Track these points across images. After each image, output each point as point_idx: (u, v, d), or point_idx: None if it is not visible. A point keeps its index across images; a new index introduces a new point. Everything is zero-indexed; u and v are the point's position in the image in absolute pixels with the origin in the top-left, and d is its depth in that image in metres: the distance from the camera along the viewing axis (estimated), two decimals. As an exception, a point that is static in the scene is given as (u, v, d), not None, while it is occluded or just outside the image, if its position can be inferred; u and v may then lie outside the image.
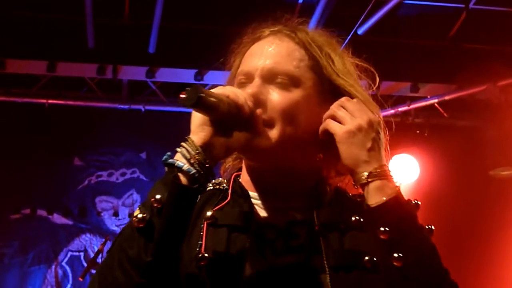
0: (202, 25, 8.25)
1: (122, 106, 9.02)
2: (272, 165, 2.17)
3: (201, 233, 2.06)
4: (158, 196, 1.89)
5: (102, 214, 9.26)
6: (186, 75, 8.69)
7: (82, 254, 9.10)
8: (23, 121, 8.92)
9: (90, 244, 9.12)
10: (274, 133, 2.09)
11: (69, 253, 9.08)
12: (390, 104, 9.21)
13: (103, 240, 8.44)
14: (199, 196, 2.01)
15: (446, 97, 8.88)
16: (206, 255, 2.00)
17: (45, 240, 9.03)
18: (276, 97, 2.13)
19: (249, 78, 2.20)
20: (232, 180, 2.23)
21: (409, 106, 8.97)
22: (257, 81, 2.16)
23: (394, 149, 8.71)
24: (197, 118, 2.01)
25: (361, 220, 2.13)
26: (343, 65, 2.33)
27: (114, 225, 9.25)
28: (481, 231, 8.98)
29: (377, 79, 2.37)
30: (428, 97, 9.02)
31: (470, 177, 9.00)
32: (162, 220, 1.88)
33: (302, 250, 2.08)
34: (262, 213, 2.16)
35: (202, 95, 1.92)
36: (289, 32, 2.33)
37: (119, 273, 1.88)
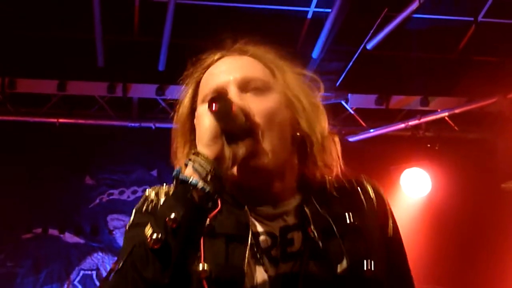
0: (211, 42, 8.26)
1: (132, 124, 9.03)
2: (268, 178, 2.16)
3: (198, 245, 2.01)
4: (173, 216, 1.85)
5: (114, 232, 9.25)
6: (196, 92, 8.70)
7: (94, 272, 9.08)
8: (34, 141, 8.94)
9: (103, 262, 9.11)
10: (267, 145, 2.10)
11: (82, 272, 9.07)
12: (401, 118, 9.20)
13: (116, 258, 8.43)
14: None
15: (457, 110, 8.86)
16: (206, 268, 1.98)
17: (57, 259, 9.02)
18: (256, 103, 2.14)
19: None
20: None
21: (419, 120, 8.95)
22: (234, 89, 2.16)
23: (405, 163, 8.73)
24: (210, 130, 1.97)
25: (355, 222, 2.17)
26: (293, 76, 2.31)
27: (126, 243, 9.24)
28: (493, 244, 8.94)
29: (321, 86, 2.36)
30: (439, 110, 9.00)
31: (482, 190, 8.98)
32: (178, 241, 1.85)
33: (299, 257, 2.07)
34: (255, 221, 2.13)
35: (233, 106, 1.95)
36: (241, 50, 2.35)
37: None
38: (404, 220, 8.89)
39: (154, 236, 1.84)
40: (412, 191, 9.03)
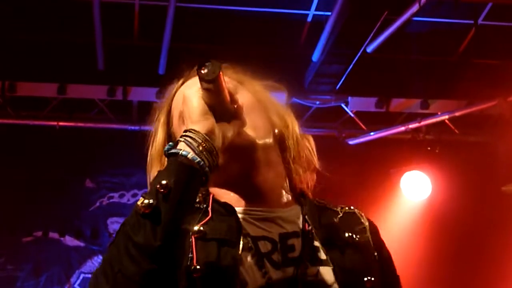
0: (211, 45, 8.28)
1: (132, 127, 9.03)
2: (254, 163, 2.17)
3: (190, 247, 2.01)
4: (164, 182, 1.86)
5: (114, 235, 9.24)
6: (196, 96, 8.72)
7: (94, 276, 9.08)
8: (34, 144, 8.95)
9: (103, 265, 9.11)
10: (250, 131, 2.14)
11: (82, 275, 9.07)
12: (401, 121, 9.20)
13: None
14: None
15: (457, 113, 8.86)
16: (198, 267, 1.96)
17: (57, 263, 9.03)
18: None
19: None
20: (211, 200, 2.19)
21: (419, 123, 8.95)
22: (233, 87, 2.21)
23: (405, 166, 8.76)
24: (198, 107, 1.98)
25: (354, 237, 2.20)
26: (258, 84, 2.33)
27: (126, 246, 9.24)
28: (494, 247, 8.94)
29: (286, 93, 2.41)
30: (439, 113, 8.99)
31: (482, 193, 8.99)
32: (169, 204, 1.85)
33: (300, 263, 2.07)
34: (252, 226, 2.13)
35: (221, 73, 1.94)
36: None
37: (127, 261, 1.82)
38: (405, 223, 8.90)
39: (145, 201, 1.85)
40: (413, 194, 9.02)
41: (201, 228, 2.05)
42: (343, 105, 9.10)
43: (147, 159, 2.49)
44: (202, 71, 1.94)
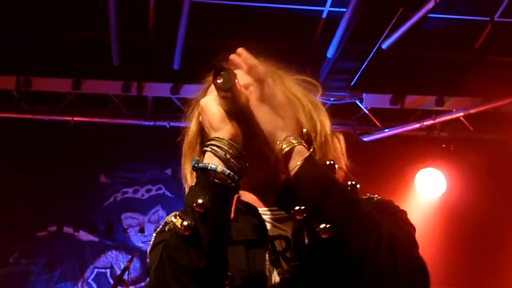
0: (226, 41, 8.27)
1: (147, 123, 9.05)
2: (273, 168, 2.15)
3: None
4: (200, 201, 1.87)
5: (128, 230, 9.26)
6: (211, 91, 8.73)
7: (108, 271, 9.10)
8: (49, 139, 8.97)
9: (117, 260, 9.13)
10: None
11: (96, 270, 9.09)
12: (416, 118, 9.18)
13: (129, 256, 8.45)
14: None
15: (472, 111, 8.84)
16: (229, 274, 1.98)
17: (71, 257, 9.05)
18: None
19: None
20: (235, 200, 2.17)
21: (434, 120, 8.93)
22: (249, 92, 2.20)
23: (420, 163, 8.71)
24: (216, 114, 2.00)
25: None
26: (290, 80, 2.32)
27: (140, 241, 9.26)
28: (509, 245, 8.91)
29: (319, 89, 2.38)
30: (454, 110, 8.97)
31: (497, 190, 8.95)
32: (208, 224, 1.86)
33: (311, 257, 2.07)
34: (269, 224, 2.15)
35: (237, 81, 1.94)
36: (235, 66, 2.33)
37: (175, 285, 1.85)
38: (419, 220, 8.83)
39: (185, 223, 1.86)
40: (427, 191, 9.00)
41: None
42: (357, 102, 9.08)
43: (159, 151, 2.49)
44: (218, 81, 1.95)
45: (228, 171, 1.92)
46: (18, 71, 8.48)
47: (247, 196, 2.22)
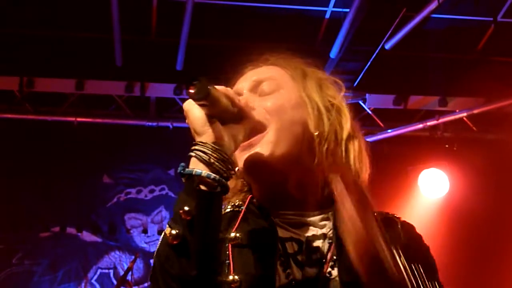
0: (229, 41, 8.28)
1: (150, 123, 9.06)
2: (278, 176, 2.17)
3: (227, 252, 2.05)
4: (186, 208, 1.86)
5: (131, 231, 9.27)
6: (214, 92, 8.74)
7: (111, 271, 9.11)
8: (52, 139, 8.97)
9: (120, 261, 9.14)
10: (271, 135, 2.13)
11: (99, 271, 9.10)
12: (419, 119, 9.17)
13: (133, 257, 8.46)
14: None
15: (475, 111, 8.83)
16: (236, 277, 1.99)
17: (74, 258, 9.05)
18: (265, 101, 2.18)
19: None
20: (248, 201, 2.21)
21: (437, 120, 8.92)
22: (245, 93, 2.23)
23: (423, 164, 8.69)
24: (198, 118, 1.98)
25: None
26: (313, 80, 2.32)
27: (143, 242, 9.27)
28: (512, 245, 8.92)
29: (343, 89, 2.42)
30: (457, 111, 8.97)
31: (500, 190, 8.94)
32: (196, 232, 1.86)
33: (325, 263, 2.08)
34: (282, 229, 2.14)
35: (211, 88, 1.93)
36: (265, 59, 2.37)
37: None
38: (422, 221, 8.86)
39: (173, 232, 1.86)
40: (430, 191, 9.00)
41: (237, 234, 2.08)
42: (361, 102, 9.08)
43: (163, 151, 2.52)
44: (191, 91, 1.94)
45: (213, 175, 1.91)
46: (21, 72, 8.49)
47: (264, 201, 2.21)
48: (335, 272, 2.07)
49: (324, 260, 2.09)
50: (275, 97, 2.19)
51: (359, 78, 8.53)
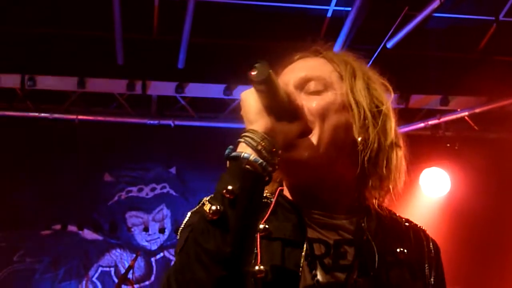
0: (231, 40, 8.28)
1: (151, 122, 9.06)
2: (314, 178, 2.17)
3: (255, 244, 2.04)
4: (230, 187, 1.87)
5: (132, 229, 9.28)
6: (215, 90, 8.74)
7: (112, 269, 9.11)
8: (53, 137, 8.98)
9: (121, 259, 9.14)
10: (313, 138, 2.11)
11: (100, 269, 9.10)
12: (420, 118, 9.17)
13: (134, 255, 8.46)
14: None
15: (477, 110, 8.83)
16: (262, 268, 2.00)
17: (75, 256, 9.06)
18: (310, 101, 2.15)
19: None
20: (277, 194, 2.23)
21: (439, 119, 8.92)
22: (291, 89, 2.17)
23: (424, 163, 8.68)
24: (254, 106, 2.00)
25: (405, 251, 2.21)
26: (363, 82, 2.29)
27: (144, 240, 9.27)
28: (513, 244, 8.91)
29: (391, 93, 2.39)
30: (458, 110, 8.96)
31: (502, 190, 8.94)
32: (237, 210, 1.86)
33: (352, 270, 2.09)
34: (310, 228, 2.15)
35: (271, 72, 1.93)
36: (317, 51, 2.34)
37: (198, 268, 1.84)
38: (423, 220, 8.82)
39: (213, 208, 1.85)
40: (431, 190, 8.99)
41: (266, 226, 2.09)
42: (362, 101, 9.07)
43: (164, 150, 2.52)
44: (252, 73, 1.94)
45: (260, 160, 1.91)
46: (22, 70, 8.48)
47: (294, 197, 2.22)
48: (361, 281, 2.08)
49: (351, 267, 2.10)
50: (322, 99, 2.16)
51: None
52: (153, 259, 9.24)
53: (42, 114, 8.85)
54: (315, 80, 2.19)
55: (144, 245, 9.23)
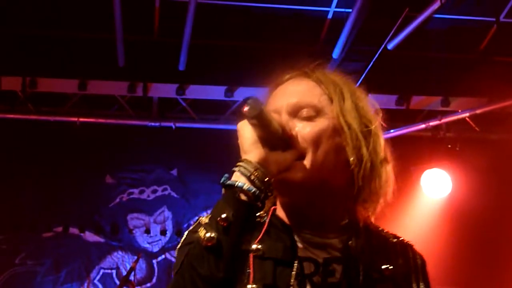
0: (232, 41, 8.28)
1: (152, 124, 9.06)
2: (307, 199, 2.25)
3: (247, 263, 2.13)
4: (224, 215, 1.97)
5: (134, 231, 9.28)
6: (216, 92, 8.74)
7: (114, 271, 9.11)
8: (55, 140, 8.98)
9: (122, 261, 9.14)
10: (307, 163, 2.18)
11: (101, 271, 9.10)
12: (421, 119, 9.17)
13: (135, 257, 8.46)
14: None
15: (478, 111, 8.82)
16: (255, 286, 2.09)
17: (77, 258, 9.06)
18: (303, 128, 2.23)
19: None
20: (270, 213, 2.31)
21: (440, 120, 8.92)
22: (284, 116, 2.25)
23: (425, 164, 8.71)
24: (248, 137, 2.09)
25: (391, 268, 2.27)
26: (352, 103, 2.37)
27: (146, 242, 9.27)
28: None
29: (380, 113, 2.55)
30: (459, 111, 8.96)
31: (503, 191, 8.94)
32: (231, 237, 1.97)
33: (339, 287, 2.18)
34: (300, 248, 2.23)
35: (263, 108, 2.04)
36: (307, 73, 2.40)
37: None
38: (425, 221, 8.87)
39: (208, 235, 1.96)
40: (433, 191, 8.99)
41: (259, 246, 2.17)
42: (363, 103, 9.07)
43: (165, 152, 2.60)
44: (245, 108, 2.04)
45: (254, 189, 2.01)
46: (23, 72, 8.49)
47: (286, 216, 2.30)
48: None
49: (339, 285, 2.17)
50: (315, 125, 2.23)
51: (362, 78, 8.52)
52: (154, 261, 9.24)
53: (43, 117, 8.85)
54: (306, 107, 2.26)
55: (146, 247, 9.24)
